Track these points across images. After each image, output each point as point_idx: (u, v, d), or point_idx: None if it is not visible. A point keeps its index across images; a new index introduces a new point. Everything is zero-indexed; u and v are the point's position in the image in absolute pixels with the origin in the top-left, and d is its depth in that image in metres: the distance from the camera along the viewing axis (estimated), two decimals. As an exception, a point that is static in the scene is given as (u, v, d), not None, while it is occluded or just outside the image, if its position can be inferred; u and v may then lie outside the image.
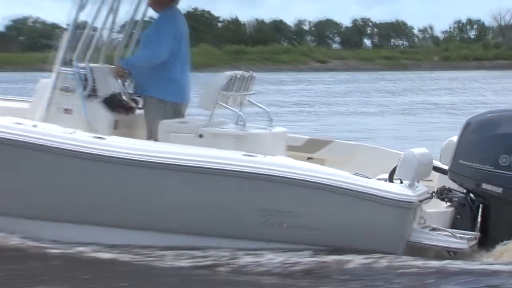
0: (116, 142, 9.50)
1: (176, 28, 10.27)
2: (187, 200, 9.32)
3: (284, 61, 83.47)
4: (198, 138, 9.66)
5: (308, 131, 23.14)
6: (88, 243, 9.39)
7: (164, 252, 9.22)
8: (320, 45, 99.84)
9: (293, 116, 31.30)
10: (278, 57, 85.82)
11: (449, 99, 39.83)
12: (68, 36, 10.09)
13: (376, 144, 10.01)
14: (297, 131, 22.31)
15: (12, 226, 9.70)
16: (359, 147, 11.11)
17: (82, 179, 9.46)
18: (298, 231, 9.13)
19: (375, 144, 10.63)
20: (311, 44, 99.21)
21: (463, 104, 34.97)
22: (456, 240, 9.05)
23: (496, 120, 9.61)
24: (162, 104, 10.15)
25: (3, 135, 9.49)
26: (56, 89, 10.04)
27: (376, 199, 8.98)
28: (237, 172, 9.16)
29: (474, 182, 9.46)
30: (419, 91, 47.37)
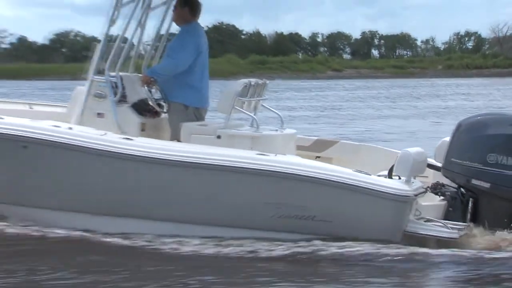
0: (143, 143, 9.50)
1: (197, 40, 10.24)
2: (206, 194, 9.32)
3: (302, 70, 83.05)
4: (216, 139, 9.63)
5: (351, 134, 22.83)
6: (115, 233, 9.39)
7: (182, 239, 9.22)
8: (333, 55, 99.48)
9: (332, 119, 30.63)
10: (297, 66, 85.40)
11: (467, 103, 39.13)
12: (101, 48, 10.07)
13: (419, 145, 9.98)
14: (342, 134, 22.17)
15: (52, 218, 9.69)
16: (363, 146, 11.05)
17: (112, 176, 9.46)
18: (306, 222, 9.14)
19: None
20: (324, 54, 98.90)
21: (480, 108, 33.84)
22: (448, 230, 9.03)
23: (484, 122, 9.59)
24: (184, 108, 10.12)
25: (44, 137, 9.49)
26: (90, 95, 10.02)
27: (376, 193, 8.98)
28: (251, 169, 9.17)
29: (465, 178, 9.45)
30: (436, 96, 46.50)
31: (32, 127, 9.61)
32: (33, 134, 9.52)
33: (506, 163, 9.22)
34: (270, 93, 44.59)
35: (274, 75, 75.74)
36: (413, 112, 34.46)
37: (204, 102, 10.37)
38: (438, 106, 36.77)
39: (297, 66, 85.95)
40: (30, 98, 12.71)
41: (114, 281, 8.02)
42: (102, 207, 9.57)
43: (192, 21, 10.33)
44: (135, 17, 10.19)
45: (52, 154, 9.52)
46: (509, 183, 9.22)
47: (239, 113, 9.88)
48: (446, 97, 44.81)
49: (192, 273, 8.38)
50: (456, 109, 34.01)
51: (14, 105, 11.46)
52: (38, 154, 9.55)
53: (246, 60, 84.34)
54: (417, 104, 39.06)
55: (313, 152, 10.78)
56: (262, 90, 10.41)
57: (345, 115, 32.67)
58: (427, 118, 30.80)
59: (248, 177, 9.21)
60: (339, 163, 10.05)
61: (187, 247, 9.06)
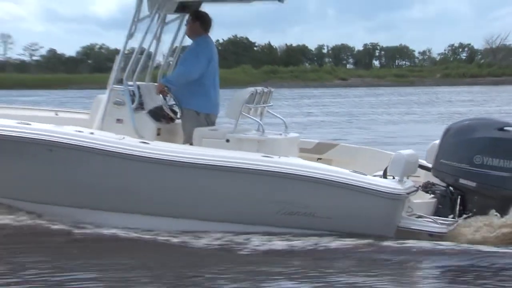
0: (159, 146, 9.49)
1: (207, 52, 10.21)
2: (216, 193, 9.32)
3: (311, 78, 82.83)
4: (226, 143, 9.65)
5: (376, 138, 22.82)
6: (131, 228, 9.42)
7: (190, 235, 9.24)
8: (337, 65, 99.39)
9: (353, 124, 30.35)
10: (306, 75, 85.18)
11: (477, 108, 38.49)
12: (120, 59, 10.07)
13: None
14: (368, 138, 21.79)
15: (81, 216, 9.70)
16: (361, 149, 11.00)
17: (130, 177, 9.47)
18: (307, 218, 9.14)
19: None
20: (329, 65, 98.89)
21: (485, 113, 33.69)
22: (437, 225, 9.05)
23: (471, 126, 9.55)
24: (196, 114, 10.12)
25: (67, 141, 9.49)
26: (110, 103, 10.02)
27: (371, 192, 8.98)
28: (257, 170, 9.16)
29: (453, 177, 9.42)
30: (442, 102, 46.02)
31: (57, 132, 9.59)
32: (57, 139, 9.50)
33: (491, 164, 9.21)
34: (288, 100, 43.54)
35: (285, 83, 75.64)
36: (429, 118, 33.62)
37: (215, 108, 10.34)
38: (450, 111, 35.90)
39: (306, 75, 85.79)
40: (61, 106, 12.66)
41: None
42: (120, 205, 9.58)
43: (203, 34, 10.31)
44: (151, 31, 10.15)
45: (75, 156, 9.51)
46: (494, 182, 9.22)
47: (246, 118, 9.87)
48: (455, 103, 44.03)
49: (206, 264, 8.45)
50: (467, 114, 32.84)
51: (42, 112, 11.45)
52: (62, 157, 9.54)
53: (260, 70, 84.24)
54: (431, 110, 38.29)
55: (314, 154, 10.72)
56: (268, 97, 10.38)
57: (367, 120, 32.15)
58: (446, 123, 30.20)
59: (254, 177, 9.18)
60: (338, 164, 10.00)
61: (196, 241, 9.10)
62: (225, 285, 7.70)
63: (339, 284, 7.63)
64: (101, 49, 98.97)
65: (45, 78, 77.56)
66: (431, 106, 41.87)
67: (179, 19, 10.71)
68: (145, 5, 10.02)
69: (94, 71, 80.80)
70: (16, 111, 11.36)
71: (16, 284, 7.57)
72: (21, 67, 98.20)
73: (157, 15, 10.12)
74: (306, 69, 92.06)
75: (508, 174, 9.22)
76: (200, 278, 8.00)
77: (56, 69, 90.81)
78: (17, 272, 7.94)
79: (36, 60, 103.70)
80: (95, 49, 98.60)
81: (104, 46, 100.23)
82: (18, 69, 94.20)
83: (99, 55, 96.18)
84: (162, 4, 10.04)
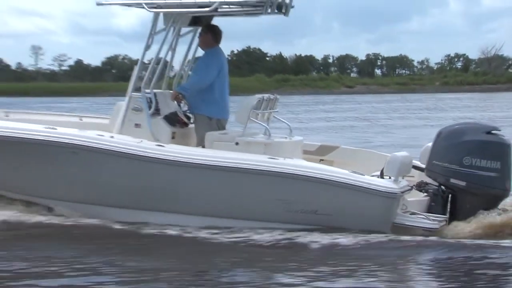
0: (173, 149, 9.51)
1: (218, 61, 10.22)
2: (226, 192, 9.33)
3: (320, 86, 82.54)
4: (235, 145, 9.64)
5: (397, 142, 22.31)
6: (141, 222, 9.48)
7: (204, 230, 9.24)
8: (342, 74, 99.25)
9: (374, 128, 29.74)
10: (315, 83, 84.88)
11: (485, 114, 37.86)
12: (138, 69, 10.10)
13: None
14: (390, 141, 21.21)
15: (102, 213, 9.72)
16: (360, 151, 10.97)
17: (147, 177, 9.46)
18: (310, 215, 9.15)
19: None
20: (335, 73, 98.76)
21: (487, 119, 32.77)
22: (430, 221, 9.06)
23: (461, 130, 9.58)
24: (208, 120, 10.13)
25: (90, 144, 9.51)
26: (129, 109, 10.03)
27: (369, 190, 8.99)
28: (264, 171, 9.17)
29: (444, 177, 9.44)
30: (449, 108, 45.17)
31: (81, 136, 9.60)
32: (81, 142, 9.51)
33: (479, 165, 9.23)
34: (303, 106, 42.30)
35: (295, 91, 75.43)
36: (444, 122, 31.97)
37: (225, 114, 10.35)
38: (459, 116, 34.42)
39: (315, 83, 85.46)
40: (92, 112, 12.70)
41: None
42: (138, 202, 9.60)
43: (214, 46, 10.32)
44: (167, 43, 10.14)
45: (97, 158, 9.52)
46: (482, 182, 9.24)
47: (254, 123, 9.86)
48: (463, 109, 43.01)
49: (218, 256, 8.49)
50: (478, 119, 31.78)
51: (67, 118, 11.51)
52: (85, 159, 9.55)
53: (272, 79, 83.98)
54: (442, 115, 37.13)
55: (317, 156, 10.70)
56: (274, 104, 10.35)
57: (387, 125, 31.52)
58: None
59: (261, 177, 9.16)
60: (339, 165, 10.00)
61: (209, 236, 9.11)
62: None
63: (337, 278, 7.62)
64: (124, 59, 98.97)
65: (74, 86, 77.74)
66: (440, 112, 40.97)
67: (192, 32, 10.70)
68: (161, 19, 10.02)
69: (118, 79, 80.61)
70: (43, 116, 11.43)
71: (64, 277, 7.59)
72: (51, 76, 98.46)
73: (172, 28, 10.10)
74: (314, 77, 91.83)
75: (495, 174, 9.24)
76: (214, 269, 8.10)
77: (83, 78, 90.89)
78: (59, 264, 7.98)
79: (64, 70, 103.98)
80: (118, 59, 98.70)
81: (127, 57, 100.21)
82: (48, 78, 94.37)
83: (122, 65, 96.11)
84: (177, 18, 10.03)
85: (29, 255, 8.33)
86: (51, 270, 7.79)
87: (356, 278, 7.60)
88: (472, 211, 9.21)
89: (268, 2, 9.47)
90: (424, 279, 7.86)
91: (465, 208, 9.29)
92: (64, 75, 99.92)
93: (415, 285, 7.71)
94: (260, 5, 9.54)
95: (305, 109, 45.74)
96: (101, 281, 7.34)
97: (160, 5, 9.86)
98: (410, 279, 7.95)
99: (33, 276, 7.57)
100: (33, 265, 7.97)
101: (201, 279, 7.74)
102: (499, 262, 8.11)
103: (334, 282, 7.49)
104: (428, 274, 8.05)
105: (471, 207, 9.24)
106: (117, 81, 76.16)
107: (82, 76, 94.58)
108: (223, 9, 9.96)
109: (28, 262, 8.07)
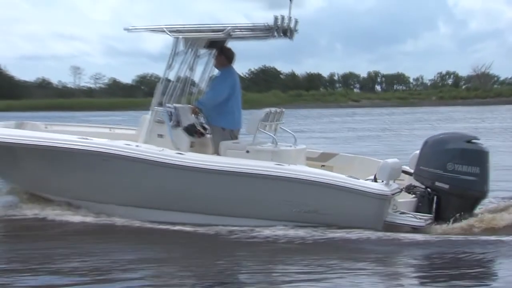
0: (192, 156, 9.54)
1: (231, 80, 10.25)
2: (238, 194, 9.35)
3: (329, 100, 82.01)
4: (246, 153, 9.67)
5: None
6: (168, 222, 9.48)
7: (219, 227, 9.30)
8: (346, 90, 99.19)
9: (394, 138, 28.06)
10: (325, 98, 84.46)
11: (479, 125, 36.63)
12: (161, 86, 10.16)
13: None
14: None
15: (130, 213, 9.71)
16: (356, 158, 10.95)
17: (168, 181, 9.49)
18: (312, 214, 9.18)
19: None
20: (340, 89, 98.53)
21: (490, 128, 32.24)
22: (417, 220, 9.08)
23: (444, 139, 9.58)
24: (223, 130, 10.16)
25: (118, 152, 9.57)
26: (153, 121, 10.08)
27: (363, 193, 9.01)
28: (271, 175, 9.20)
29: (430, 181, 9.44)
30: (454, 120, 43.63)
31: (110, 145, 9.65)
32: (111, 150, 9.58)
33: (461, 170, 9.24)
34: (321, 118, 41.41)
35: (308, 104, 75.06)
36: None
37: (237, 125, 10.35)
38: (465, 127, 33.44)
39: (324, 97, 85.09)
40: (121, 124, 12.72)
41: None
42: (160, 203, 9.66)
43: (227, 66, 10.35)
44: (186, 63, 10.19)
45: (124, 165, 9.57)
46: (463, 185, 9.26)
47: (263, 134, 9.90)
48: (469, 121, 41.74)
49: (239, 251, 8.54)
50: (479, 129, 30.97)
51: (99, 129, 11.59)
52: (114, 165, 9.61)
53: (287, 94, 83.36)
54: (454, 125, 35.82)
55: (319, 162, 10.72)
56: (280, 116, 10.35)
57: (405, 135, 29.89)
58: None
59: (269, 181, 9.19)
60: (338, 170, 10.01)
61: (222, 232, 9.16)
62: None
63: (334, 271, 7.61)
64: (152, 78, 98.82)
65: (109, 101, 77.57)
66: (449, 123, 39.56)
67: (208, 53, 10.73)
68: (181, 43, 10.09)
69: (147, 95, 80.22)
70: (78, 128, 11.54)
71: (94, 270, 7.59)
72: (89, 92, 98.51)
73: (191, 50, 10.16)
74: (324, 92, 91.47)
75: (475, 178, 9.25)
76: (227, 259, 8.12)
77: (116, 94, 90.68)
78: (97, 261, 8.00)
79: (100, 87, 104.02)
80: (147, 77, 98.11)
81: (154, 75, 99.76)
82: (86, 94, 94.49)
83: (151, 83, 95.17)
84: (195, 41, 10.11)
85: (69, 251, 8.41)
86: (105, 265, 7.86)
87: (352, 268, 7.66)
88: (455, 211, 9.22)
89: (275, 28, 9.50)
90: (409, 270, 7.91)
91: (448, 208, 9.30)
92: (100, 91, 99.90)
93: (403, 276, 7.72)
94: (268, 30, 9.58)
95: (321, 121, 44.84)
96: (131, 277, 7.36)
97: (180, 30, 9.95)
98: (398, 271, 7.95)
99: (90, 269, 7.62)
100: (89, 260, 8.03)
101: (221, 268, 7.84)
102: (479, 256, 8.13)
103: (332, 273, 7.53)
104: (414, 266, 8.06)
105: (453, 207, 9.24)
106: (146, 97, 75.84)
107: (115, 93, 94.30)
108: (235, 34, 9.99)
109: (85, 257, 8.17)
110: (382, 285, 7.20)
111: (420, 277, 7.67)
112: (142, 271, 7.58)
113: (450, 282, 7.22)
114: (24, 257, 8.18)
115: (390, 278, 7.50)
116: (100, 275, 7.39)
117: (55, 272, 7.51)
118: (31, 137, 10.01)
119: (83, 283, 7.14)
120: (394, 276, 7.65)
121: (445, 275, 7.49)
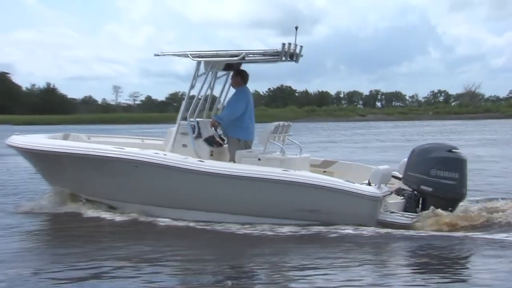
0: (212, 164, 9.55)
1: (246, 98, 10.29)
2: (251, 196, 9.35)
3: (340, 115, 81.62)
4: (258, 161, 9.67)
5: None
6: (190, 220, 9.54)
7: (232, 225, 9.32)
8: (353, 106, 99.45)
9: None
10: (335, 112, 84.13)
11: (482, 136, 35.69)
12: (184, 102, 10.19)
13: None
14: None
15: (159, 212, 9.80)
16: (353, 165, 10.89)
17: (191, 185, 9.53)
18: (314, 214, 9.21)
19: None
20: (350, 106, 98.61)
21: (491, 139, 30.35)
22: (405, 218, 9.10)
23: (429, 149, 9.59)
24: (238, 141, 10.19)
25: (148, 160, 9.62)
26: (178, 133, 10.11)
27: (358, 195, 9.04)
28: (279, 180, 9.21)
29: (416, 184, 9.47)
30: (457, 132, 42.01)
31: (141, 153, 9.70)
32: (141, 158, 9.62)
33: (442, 175, 9.26)
34: (340, 130, 40.73)
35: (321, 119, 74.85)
36: (473, 143, 28.11)
37: (251, 136, 10.36)
38: (476, 139, 31.58)
39: (335, 113, 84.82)
40: (155, 136, 12.81)
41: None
42: (185, 204, 9.68)
43: (242, 85, 10.38)
44: (206, 83, 10.20)
45: (153, 171, 9.60)
46: (444, 188, 9.28)
47: (272, 144, 9.91)
48: (473, 133, 40.07)
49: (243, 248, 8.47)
50: (490, 140, 29.55)
51: (133, 140, 11.64)
52: (144, 171, 9.65)
53: (302, 109, 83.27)
54: (467, 137, 33.85)
55: (321, 168, 10.71)
56: (288, 129, 10.33)
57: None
58: (483, 147, 25.25)
59: (277, 185, 9.20)
60: (338, 175, 10.00)
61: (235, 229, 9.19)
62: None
63: (332, 265, 7.54)
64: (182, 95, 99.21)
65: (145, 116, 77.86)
66: (460, 135, 37.72)
67: (226, 75, 10.77)
68: (202, 66, 10.18)
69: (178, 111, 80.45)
70: (115, 139, 11.58)
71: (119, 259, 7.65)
72: (127, 108, 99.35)
73: (211, 72, 10.19)
74: (335, 108, 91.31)
75: (454, 182, 9.28)
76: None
77: (151, 110, 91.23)
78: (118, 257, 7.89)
79: (137, 103, 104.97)
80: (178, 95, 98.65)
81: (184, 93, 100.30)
82: (125, 110, 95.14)
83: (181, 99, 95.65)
84: (214, 64, 10.17)
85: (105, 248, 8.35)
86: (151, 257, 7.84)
87: (348, 260, 7.66)
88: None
89: (283, 53, 9.57)
90: (398, 262, 7.88)
91: (432, 208, 9.27)
92: (137, 107, 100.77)
93: (392, 265, 7.69)
94: (277, 54, 9.63)
95: (341, 133, 43.30)
96: (154, 271, 7.28)
97: (201, 55, 10.04)
98: (389, 262, 7.91)
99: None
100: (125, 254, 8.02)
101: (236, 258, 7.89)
102: (456, 250, 8.16)
103: (330, 263, 7.53)
104: (403, 258, 8.04)
105: (436, 207, 9.24)
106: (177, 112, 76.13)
107: (151, 108, 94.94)
108: (249, 58, 10.02)
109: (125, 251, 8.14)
110: (375, 274, 7.18)
111: (404, 265, 7.65)
112: (168, 267, 7.49)
113: (430, 272, 7.22)
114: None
115: (381, 267, 7.50)
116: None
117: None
118: (74, 147, 10.16)
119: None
120: (383, 265, 7.64)
121: (426, 264, 7.50)
